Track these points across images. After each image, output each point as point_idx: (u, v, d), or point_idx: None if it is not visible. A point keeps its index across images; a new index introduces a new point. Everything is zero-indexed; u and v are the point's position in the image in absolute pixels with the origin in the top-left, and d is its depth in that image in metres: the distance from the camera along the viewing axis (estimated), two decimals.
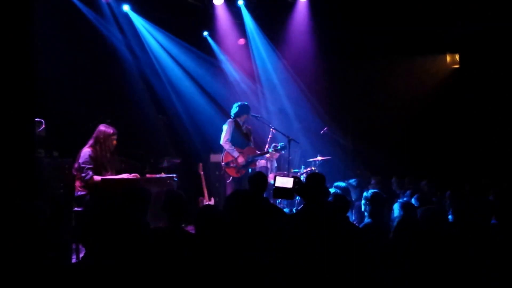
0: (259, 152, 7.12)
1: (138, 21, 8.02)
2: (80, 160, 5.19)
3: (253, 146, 7.16)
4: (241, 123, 7.05)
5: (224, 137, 6.92)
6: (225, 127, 6.98)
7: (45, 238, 3.04)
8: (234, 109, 7.06)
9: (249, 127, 7.26)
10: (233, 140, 6.93)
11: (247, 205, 3.35)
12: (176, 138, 8.29)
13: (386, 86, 9.24)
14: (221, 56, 9.05)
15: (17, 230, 2.72)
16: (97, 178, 5.24)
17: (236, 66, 9.21)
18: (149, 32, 8.21)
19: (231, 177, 6.93)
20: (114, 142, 5.51)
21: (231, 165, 6.86)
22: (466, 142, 8.76)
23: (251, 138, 7.22)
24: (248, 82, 9.28)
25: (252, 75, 9.31)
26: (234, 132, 6.95)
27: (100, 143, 5.38)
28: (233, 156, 6.86)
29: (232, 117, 7.05)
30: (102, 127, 5.50)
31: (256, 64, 9.26)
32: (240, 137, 7.02)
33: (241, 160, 6.87)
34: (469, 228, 3.60)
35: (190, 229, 4.25)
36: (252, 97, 9.17)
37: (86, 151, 5.30)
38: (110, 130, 5.49)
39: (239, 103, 7.15)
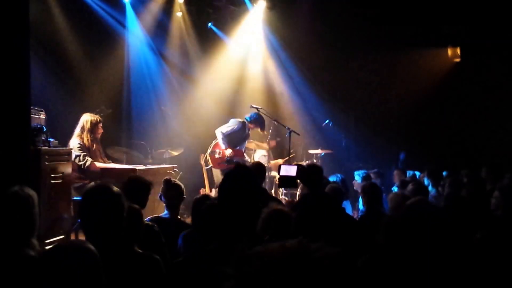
0: (245, 157, 7.15)
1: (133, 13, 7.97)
2: (73, 151, 5.21)
3: (242, 150, 7.18)
4: (246, 129, 7.07)
5: (223, 129, 6.92)
6: (232, 123, 6.99)
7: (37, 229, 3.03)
8: (253, 117, 7.06)
9: (249, 133, 7.24)
10: (230, 138, 6.95)
11: (244, 195, 3.33)
12: (178, 129, 8.28)
13: (387, 79, 9.20)
14: (231, 44, 8.99)
15: (13, 219, 2.70)
16: (97, 164, 5.30)
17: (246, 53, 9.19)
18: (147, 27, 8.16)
19: (210, 165, 7.01)
20: (101, 130, 5.54)
21: (216, 155, 6.91)
22: (466, 136, 8.71)
23: (245, 143, 7.25)
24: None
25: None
26: (237, 132, 6.96)
27: (87, 131, 5.42)
28: (221, 147, 6.87)
29: (247, 120, 7.04)
30: (87, 116, 5.54)
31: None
32: (237, 139, 7.05)
33: (229, 152, 6.83)
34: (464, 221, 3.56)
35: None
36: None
37: (74, 141, 5.35)
38: (95, 118, 5.53)
39: (258, 114, 7.11)
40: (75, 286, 1.92)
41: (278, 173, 4.36)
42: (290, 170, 4.21)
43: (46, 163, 4.46)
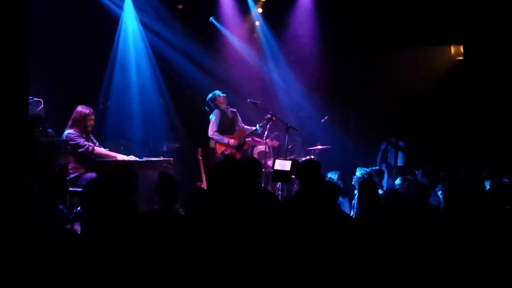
0: (249, 131, 7.15)
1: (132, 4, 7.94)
2: (71, 141, 5.23)
3: (241, 127, 7.25)
4: (225, 109, 7.12)
5: (211, 129, 7.00)
6: (212, 119, 7.05)
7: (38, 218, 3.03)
8: (212, 102, 7.11)
9: (234, 110, 7.31)
10: (222, 129, 7.02)
11: (237, 189, 3.34)
12: (176, 123, 8.28)
13: (388, 76, 9.14)
14: (231, 39, 8.97)
15: (10, 208, 2.70)
16: (98, 149, 5.34)
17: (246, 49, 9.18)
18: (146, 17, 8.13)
19: None
20: (92, 122, 5.56)
21: (226, 152, 6.96)
22: (469, 134, 8.68)
23: (238, 119, 7.31)
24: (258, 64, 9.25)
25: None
26: (222, 121, 7.04)
27: (79, 123, 5.43)
28: (224, 143, 6.96)
29: (215, 109, 7.10)
30: (79, 108, 5.56)
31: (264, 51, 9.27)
32: (228, 123, 7.13)
33: (232, 142, 6.97)
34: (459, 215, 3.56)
35: None
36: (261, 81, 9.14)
37: (69, 132, 5.36)
38: (86, 110, 5.56)
39: (210, 94, 7.18)
40: None
41: (272, 167, 4.39)
42: (284, 165, 4.23)
43: (43, 153, 4.48)
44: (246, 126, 7.34)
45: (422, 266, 3.24)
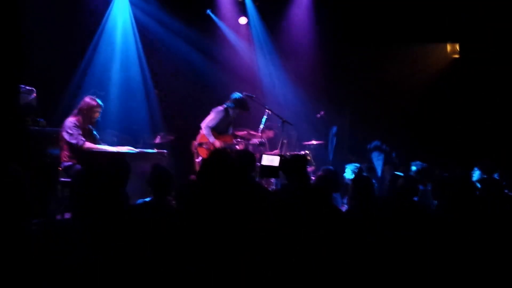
0: (235, 142, 7.12)
1: None
2: (68, 129, 5.17)
3: (232, 133, 7.19)
4: (230, 113, 7.03)
5: (207, 122, 6.91)
6: (214, 113, 6.95)
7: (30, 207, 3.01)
8: (234, 100, 6.99)
9: (234, 117, 7.18)
10: (216, 127, 6.93)
11: (230, 182, 3.31)
12: (171, 115, 8.25)
13: (384, 74, 9.16)
14: (227, 32, 8.92)
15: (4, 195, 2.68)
16: (89, 145, 5.26)
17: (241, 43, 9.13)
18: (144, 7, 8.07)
19: (200, 157, 6.90)
20: (97, 114, 5.50)
21: (204, 146, 6.87)
22: (464, 133, 8.70)
23: (231, 127, 7.22)
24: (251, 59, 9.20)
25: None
26: (221, 121, 6.95)
27: (83, 113, 5.37)
28: (209, 140, 6.85)
29: (226, 105, 7.00)
30: (87, 99, 5.48)
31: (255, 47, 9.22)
32: (223, 126, 7.03)
33: (218, 144, 6.82)
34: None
35: None
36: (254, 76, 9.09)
37: (71, 120, 5.29)
38: (94, 102, 5.47)
39: (241, 96, 7.04)
40: None
41: (259, 162, 4.31)
42: (272, 161, 4.17)
43: (35, 143, 4.43)
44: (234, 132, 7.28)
45: (412, 262, 3.25)
